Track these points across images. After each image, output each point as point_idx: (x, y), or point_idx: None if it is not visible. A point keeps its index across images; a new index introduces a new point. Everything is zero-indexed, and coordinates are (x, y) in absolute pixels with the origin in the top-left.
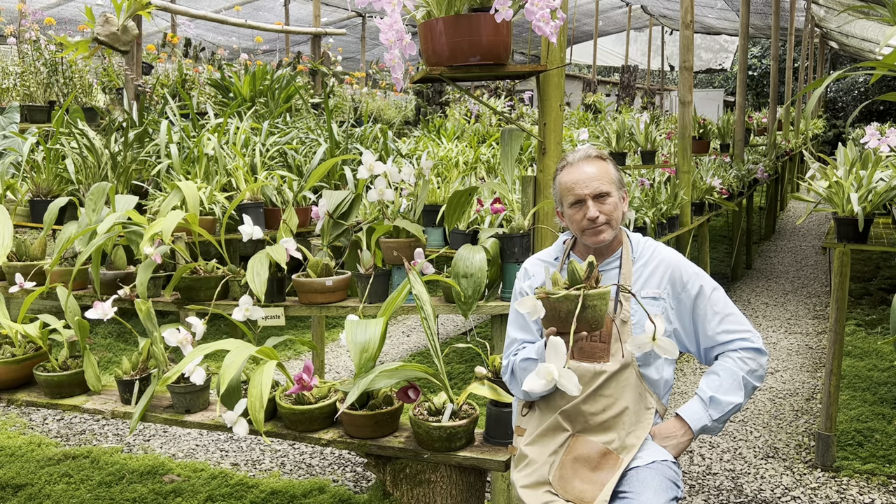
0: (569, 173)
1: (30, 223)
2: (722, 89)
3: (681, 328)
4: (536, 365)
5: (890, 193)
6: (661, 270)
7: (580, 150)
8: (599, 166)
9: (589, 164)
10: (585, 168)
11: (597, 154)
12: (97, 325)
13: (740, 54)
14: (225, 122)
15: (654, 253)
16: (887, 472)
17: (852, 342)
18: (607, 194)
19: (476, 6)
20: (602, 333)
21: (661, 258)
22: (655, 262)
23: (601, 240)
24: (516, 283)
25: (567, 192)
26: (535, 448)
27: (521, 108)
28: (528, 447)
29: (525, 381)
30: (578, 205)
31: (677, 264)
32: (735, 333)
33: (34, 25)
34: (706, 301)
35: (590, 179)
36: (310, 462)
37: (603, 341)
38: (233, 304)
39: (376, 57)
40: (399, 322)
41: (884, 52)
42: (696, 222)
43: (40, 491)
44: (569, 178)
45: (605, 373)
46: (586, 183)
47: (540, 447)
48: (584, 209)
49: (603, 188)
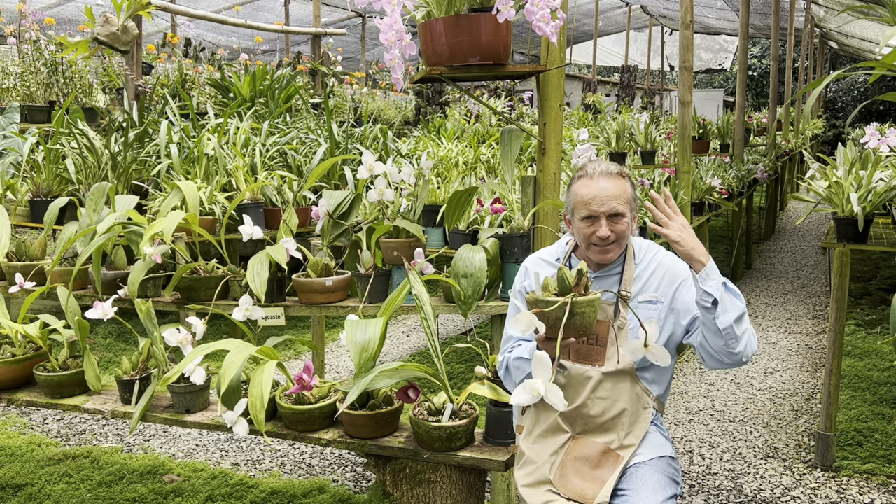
0: (586, 186)
1: (30, 223)
2: (722, 89)
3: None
4: (529, 365)
5: (890, 193)
6: (659, 273)
7: (601, 162)
8: (618, 185)
9: (609, 180)
10: (605, 184)
11: (618, 171)
12: (97, 325)
13: (740, 54)
14: (225, 122)
15: (655, 257)
16: (887, 471)
17: (852, 342)
18: (622, 215)
19: (476, 6)
20: (599, 337)
21: (660, 262)
22: (655, 266)
23: (608, 259)
24: (516, 280)
25: (582, 205)
26: (536, 448)
27: (521, 108)
28: (528, 447)
29: (514, 395)
30: (591, 220)
31: (675, 265)
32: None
33: (34, 25)
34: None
35: (608, 198)
36: (310, 462)
37: (599, 344)
38: (233, 304)
39: (376, 57)
40: (399, 322)
41: (883, 52)
42: (696, 222)
43: (40, 491)
44: (586, 191)
45: (600, 376)
46: (603, 201)
47: (540, 447)
48: (597, 227)
49: (619, 208)
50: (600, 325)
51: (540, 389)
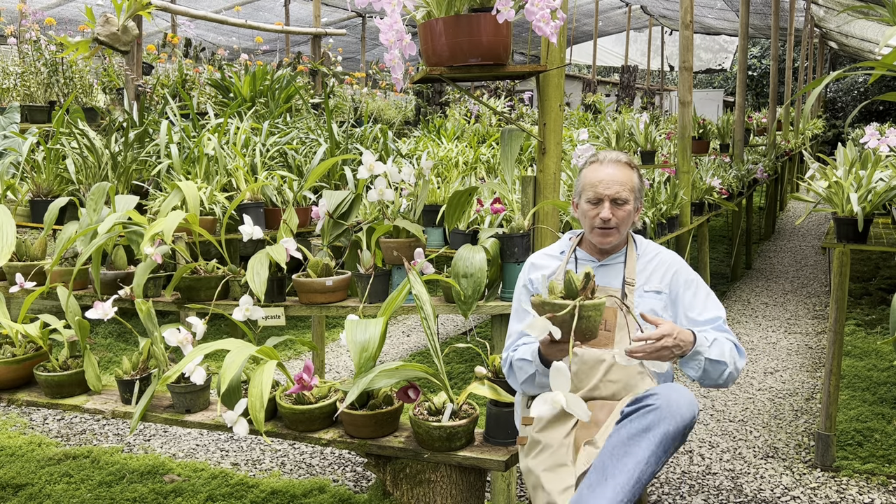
0: (595, 170)
1: (30, 223)
2: (722, 89)
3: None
4: (530, 366)
5: (889, 193)
6: (663, 269)
7: (613, 151)
8: (626, 173)
9: (617, 167)
10: (613, 170)
11: (627, 161)
12: (97, 325)
13: (740, 54)
14: (225, 122)
15: (658, 254)
16: (887, 471)
17: (852, 342)
18: (626, 202)
19: (476, 6)
20: (608, 322)
21: (663, 259)
22: (658, 261)
23: (608, 241)
24: (521, 274)
25: (589, 187)
26: (549, 434)
27: (521, 108)
28: (540, 433)
29: (534, 407)
30: (595, 202)
31: (680, 267)
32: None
33: (34, 25)
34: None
35: (614, 183)
36: (310, 462)
37: (608, 329)
38: (233, 304)
39: (376, 57)
40: (399, 322)
41: (883, 52)
42: (696, 222)
43: (40, 491)
44: (594, 175)
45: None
46: (609, 185)
47: (554, 432)
48: (600, 209)
49: (623, 194)
50: (608, 310)
51: (561, 401)
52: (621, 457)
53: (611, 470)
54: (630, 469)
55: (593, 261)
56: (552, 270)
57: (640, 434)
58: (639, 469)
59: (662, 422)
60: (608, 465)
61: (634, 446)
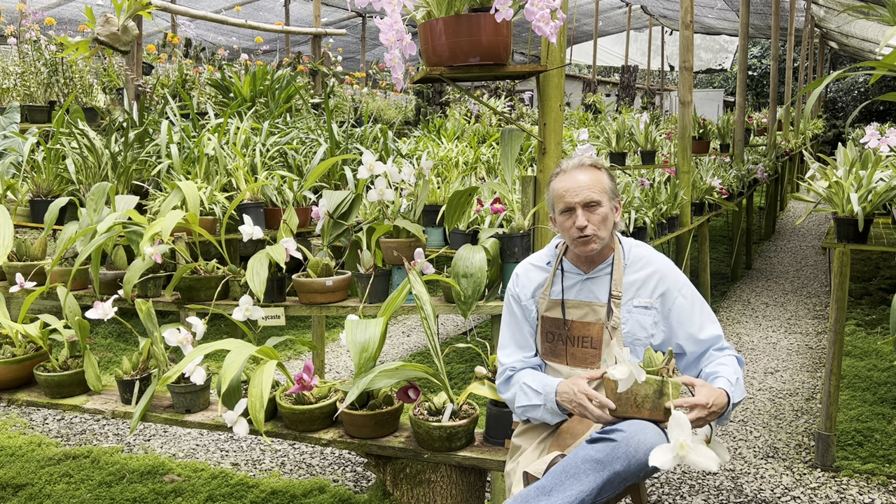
0: (561, 181)
1: (30, 223)
2: (722, 89)
3: (673, 340)
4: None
5: (890, 193)
6: (654, 281)
7: (575, 157)
8: (592, 175)
9: (582, 172)
10: (578, 176)
11: (591, 162)
12: (97, 325)
13: (740, 54)
14: (225, 122)
15: (647, 260)
16: (887, 471)
17: (852, 342)
18: (598, 203)
19: (476, 6)
20: (594, 339)
21: (653, 266)
22: (648, 271)
23: (589, 250)
24: (509, 286)
25: (558, 199)
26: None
27: (521, 108)
28: (518, 438)
29: (655, 456)
30: (568, 213)
31: (672, 278)
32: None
33: (34, 25)
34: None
35: (580, 188)
36: (310, 462)
37: (594, 347)
38: (233, 304)
39: (376, 57)
40: (399, 322)
41: (884, 52)
42: (696, 222)
43: (40, 491)
44: (560, 185)
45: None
46: (577, 191)
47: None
48: (574, 217)
49: (594, 197)
50: (593, 326)
51: (690, 455)
52: (570, 478)
53: (557, 487)
54: (572, 495)
55: (580, 273)
56: (538, 284)
57: (593, 464)
58: (580, 497)
59: (617, 461)
60: (556, 483)
61: (584, 474)
